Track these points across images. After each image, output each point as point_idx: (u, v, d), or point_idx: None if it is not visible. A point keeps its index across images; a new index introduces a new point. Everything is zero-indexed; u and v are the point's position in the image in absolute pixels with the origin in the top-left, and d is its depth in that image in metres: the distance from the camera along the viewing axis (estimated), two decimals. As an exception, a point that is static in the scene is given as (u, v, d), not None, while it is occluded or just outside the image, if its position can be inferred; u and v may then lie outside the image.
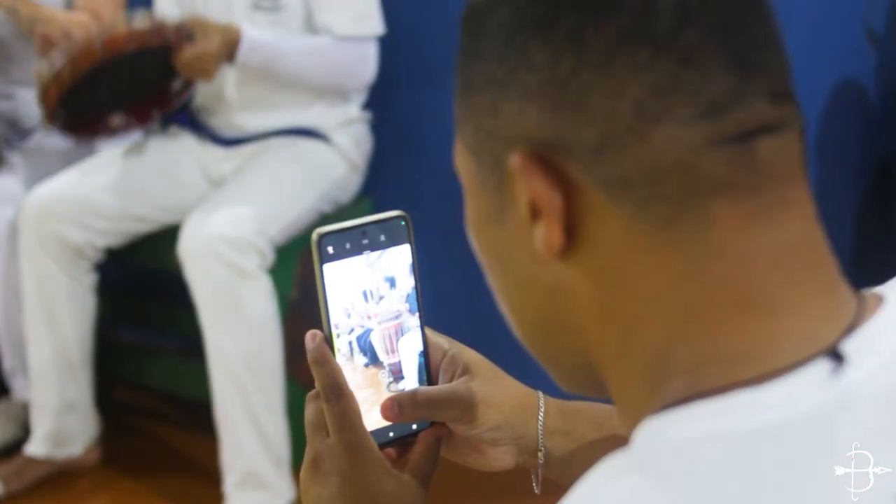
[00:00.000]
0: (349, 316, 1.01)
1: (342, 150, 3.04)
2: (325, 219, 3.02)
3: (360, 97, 3.13)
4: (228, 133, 3.07)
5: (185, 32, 2.74)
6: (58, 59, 2.68)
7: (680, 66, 0.67)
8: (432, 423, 1.04)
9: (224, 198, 2.83)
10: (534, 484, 1.06)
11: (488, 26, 0.72)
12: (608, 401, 0.79)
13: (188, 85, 2.94)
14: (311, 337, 0.99)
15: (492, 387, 1.03)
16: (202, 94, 3.09)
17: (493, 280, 0.79)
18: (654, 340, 0.70)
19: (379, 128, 3.20)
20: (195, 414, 3.26)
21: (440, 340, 1.06)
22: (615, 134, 0.67)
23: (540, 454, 1.04)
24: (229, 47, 2.79)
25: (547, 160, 0.70)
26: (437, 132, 3.30)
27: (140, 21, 2.72)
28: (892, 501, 0.66)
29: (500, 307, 0.80)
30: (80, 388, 3.03)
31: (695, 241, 0.68)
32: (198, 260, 2.71)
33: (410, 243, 1.03)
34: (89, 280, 3.01)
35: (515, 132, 0.71)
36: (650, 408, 0.69)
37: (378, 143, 3.21)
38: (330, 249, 1.00)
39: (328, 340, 1.00)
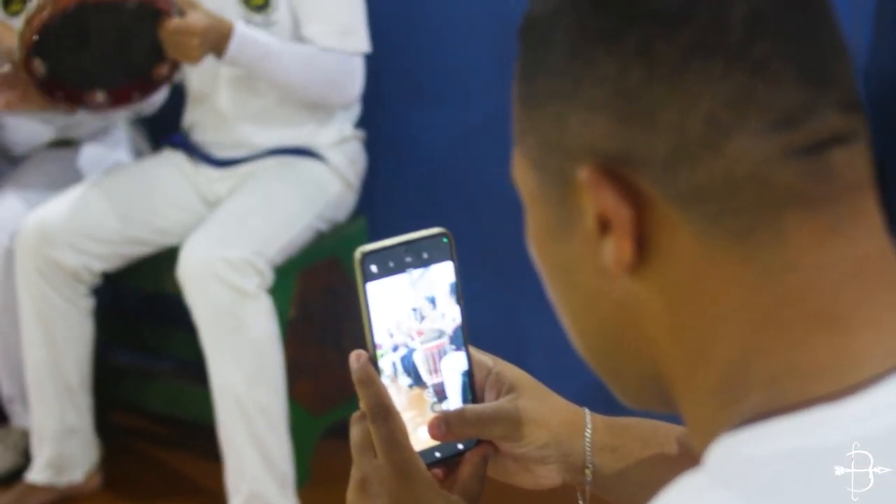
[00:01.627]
0: (392, 335, 1.00)
1: (337, 169, 3.03)
2: (321, 237, 3.02)
3: (353, 115, 3.12)
4: (222, 152, 3.06)
5: (177, 7, 2.70)
6: None
7: (752, 77, 0.66)
8: (478, 443, 1.04)
9: (221, 219, 2.82)
10: (580, 502, 1.05)
11: (552, 38, 0.71)
12: (667, 417, 0.79)
13: (172, 71, 2.87)
14: (356, 357, 0.99)
15: (539, 404, 1.03)
16: (195, 110, 3.08)
17: (554, 294, 0.78)
18: (728, 356, 0.69)
19: (372, 145, 3.20)
20: (195, 436, 3.25)
21: (484, 358, 1.05)
22: (688, 146, 0.67)
23: (587, 471, 1.03)
24: (220, 37, 2.74)
25: (616, 173, 0.69)
26: (430, 148, 3.33)
27: None
28: None
29: (562, 321, 0.79)
30: (81, 413, 3.02)
31: (769, 254, 0.67)
32: (197, 282, 2.70)
33: (453, 260, 1.03)
34: (87, 304, 2.99)
35: (581, 145, 0.70)
36: (724, 424, 0.68)
37: (371, 160, 3.20)
38: (373, 268, 0.99)
39: (373, 360, 0.99)
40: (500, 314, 3.24)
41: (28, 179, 3.27)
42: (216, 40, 2.74)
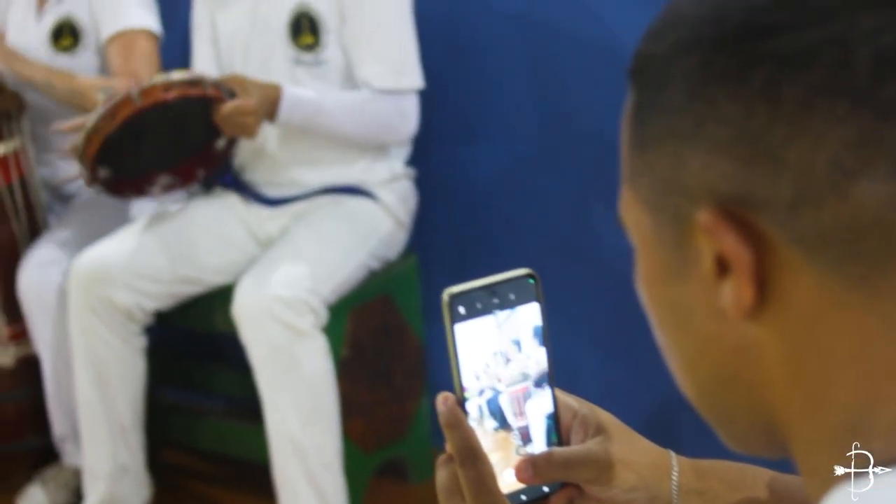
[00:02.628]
0: (478, 378, 1.00)
1: (388, 207, 3.03)
2: (372, 276, 3.02)
3: (404, 153, 3.12)
4: (272, 191, 3.07)
5: (225, 89, 2.74)
6: (96, 113, 2.68)
7: (877, 120, 0.65)
8: (563, 485, 1.03)
9: (275, 258, 2.83)
10: None
11: (669, 77, 0.70)
12: (757, 461, 0.77)
13: (232, 143, 2.92)
14: (443, 400, 0.98)
15: (627, 446, 1.02)
16: (244, 151, 3.10)
17: (664, 336, 0.77)
18: (848, 402, 0.67)
19: (421, 183, 3.20)
20: (245, 474, 3.25)
21: (570, 401, 1.05)
22: (812, 189, 0.66)
23: None
24: (270, 104, 2.79)
25: (736, 215, 0.68)
26: (479, 185, 3.33)
27: (178, 74, 2.73)
28: None
29: (670, 363, 0.78)
30: (133, 451, 3.02)
31: (892, 300, 0.66)
32: (253, 321, 2.70)
33: (539, 302, 1.02)
34: (139, 343, 3.00)
35: (701, 186, 0.69)
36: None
37: (421, 198, 3.20)
38: (461, 309, 0.98)
39: (460, 403, 0.99)
40: (553, 353, 3.23)
41: (80, 218, 3.29)
42: (268, 108, 2.78)
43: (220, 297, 2.97)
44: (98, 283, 2.90)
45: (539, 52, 3.14)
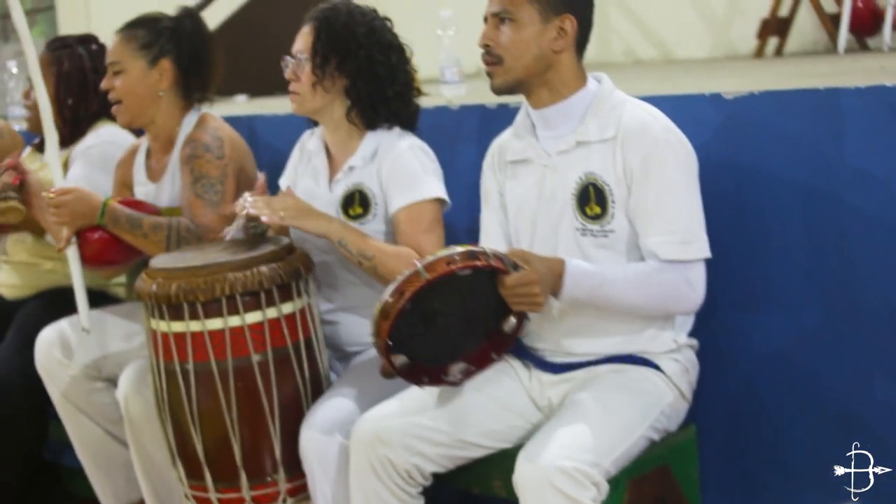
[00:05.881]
0: None
1: (671, 378, 3.00)
2: (652, 445, 2.98)
3: (689, 323, 3.09)
4: (555, 358, 3.08)
5: (508, 261, 2.78)
6: (384, 294, 2.77)
7: None
8: None
9: (558, 427, 2.80)
10: None
11: None
12: None
13: (521, 322, 2.95)
14: None
15: None
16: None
17: None
18: None
19: (700, 352, 3.15)
20: None
21: None
22: None
23: None
24: (554, 278, 2.81)
25: None
26: (759, 357, 3.26)
27: (460, 248, 2.78)
28: None
29: None
30: None
31: None
32: (534, 491, 2.68)
33: None
34: (417, 504, 3.03)
35: None
36: None
37: (700, 366, 3.15)
38: None
39: None
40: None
41: (361, 378, 3.36)
42: (553, 282, 2.82)
43: (499, 462, 2.97)
44: (379, 444, 2.94)
45: (824, 224, 3.09)
